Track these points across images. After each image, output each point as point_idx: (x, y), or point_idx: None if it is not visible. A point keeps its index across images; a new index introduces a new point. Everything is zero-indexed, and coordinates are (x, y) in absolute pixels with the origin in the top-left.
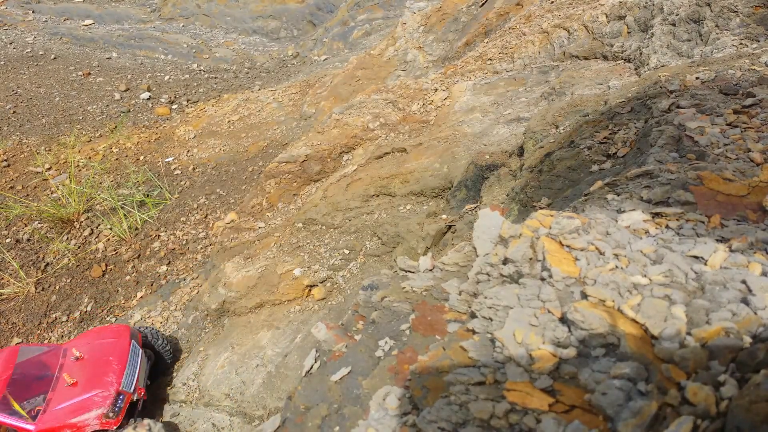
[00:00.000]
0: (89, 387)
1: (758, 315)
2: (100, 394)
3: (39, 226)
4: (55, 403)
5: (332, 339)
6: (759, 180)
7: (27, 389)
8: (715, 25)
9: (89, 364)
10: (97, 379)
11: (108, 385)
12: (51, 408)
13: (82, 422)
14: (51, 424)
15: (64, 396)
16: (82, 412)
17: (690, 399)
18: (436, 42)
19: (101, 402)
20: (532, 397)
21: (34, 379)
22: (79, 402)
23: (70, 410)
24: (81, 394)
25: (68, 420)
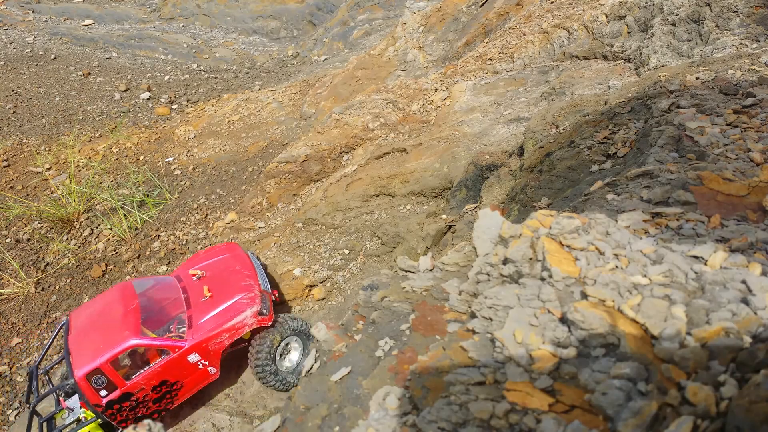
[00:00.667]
0: (230, 294)
1: (758, 315)
2: (246, 296)
3: (39, 226)
4: (199, 318)
5: (332, 339)
6: (759, 180)
7: (161, 315)
8: (715, 25)
9: (217, 278)
10: (235, 285)
11: (249, 288)
12: (196, 323)
13: (240, 323)
14: (202, 336)
15: (205, 309)
16: (234, 315)
17: (690, 399)
18: (436, 42)
19: (250, 302)
20: (532, 397)
21: (163, 306)
22: (225, 308)
23: (218, 318)
24: (225, 302)
25: (221, 327)
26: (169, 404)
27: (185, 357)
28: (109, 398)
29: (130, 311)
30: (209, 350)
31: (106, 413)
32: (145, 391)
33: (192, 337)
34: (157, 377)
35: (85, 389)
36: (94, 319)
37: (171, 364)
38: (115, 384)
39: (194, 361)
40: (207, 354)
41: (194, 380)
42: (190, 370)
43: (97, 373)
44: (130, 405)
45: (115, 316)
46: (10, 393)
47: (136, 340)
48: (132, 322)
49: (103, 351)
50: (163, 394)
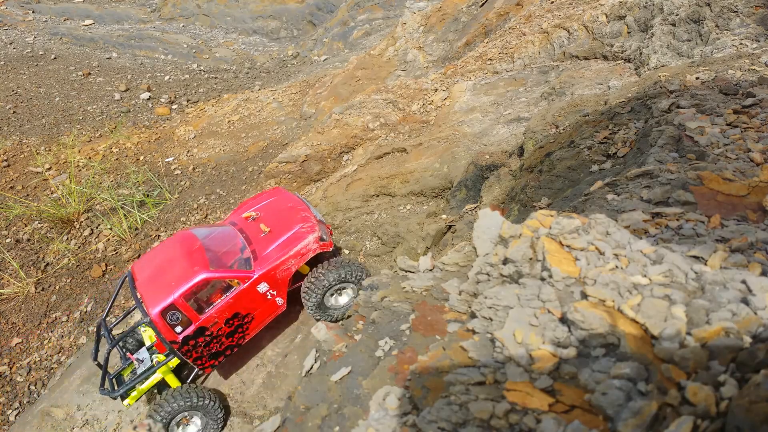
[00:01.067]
0: (289, 226)
1: (758, 315)
2: (305, 225)
3: (39, 226)
4: (262, 250)
5: (332, 339)
6: (759, 180)
7: (225, 254)
8: (715, 25)
9: (273, 216)
10: (291, 219)
11: (306, 219)
12: (260, 255)
13: (304, 248)
14: (269, 265)
15: (266, 243)
16: (298, 242)
17: (690, 399)
18: (436, 42)
19: (310, 229)
20: (532, 397)
21: (225, 246)
22: (287, 238)
23: (282, 248)
24: (285, 233)
25: (286, 254)
26: (241, 339)
27: (255, 287)
28: (185, 334)
29: (196, 251)
30: (277, 279)
31: (182, 350)
32: (219, 324)
33: (259, 268)
34: (230, 310)
35: (161, 327)
36: (160, 264)
37: (241, 296)
38: (189, 319)
39: (263, 291)
40: (275, 283)
41: (264, 312)
42: (260, 301)
43: (171, 309)
44: (205, 340)
45: (182, 257)
46: (10, 393)
47: (207, 274)
48: (200, 258)
49: (176, 287)
50: (235, 328)
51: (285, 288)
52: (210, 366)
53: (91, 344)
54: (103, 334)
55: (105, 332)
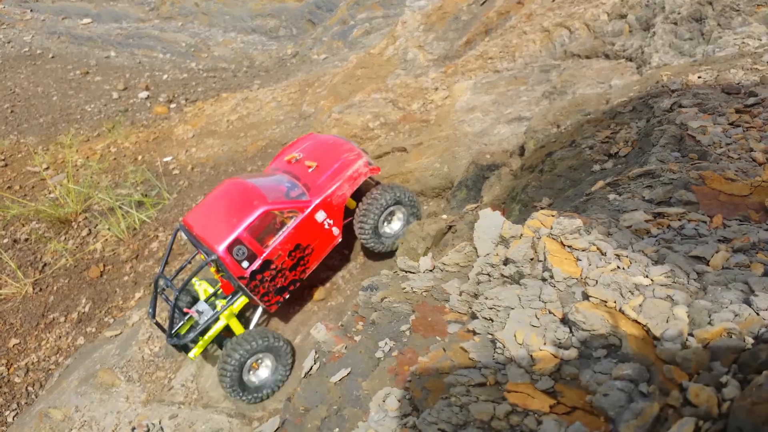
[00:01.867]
0: (335, 158)
1: (760, 316)
2: (351, 154)
3: (37, 226)
4: (315, 182)
5: (332, 340)
6: (761, 180)
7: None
8: (717, 23)
9: (317, 153)
10: (335, 152)
11: (351, 149)
12: (313, 186)
13: (355, 172)
14: (325, 192)
15: (317, 176)
16: (348, 168)
17: (692, 400)
18: (436, 41)
19: (357, 156)
20: (533, 399)
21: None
22: (337, 167)
23: (333, 176)
24: (333, 164)
25: (339, 180)
26: (302, 272)
27: (313, 216)
28: (252, 268)
29: (250, 189)
30: (333, 206)
31: (250, 286)
32: (282, 257)
33: (315, 197)
34: (292, 241)
35: (229, 263)
36: (215, 208)
37: (301, 226)
38: (255, 253)
39: (321, 220)
40: (332, 210)
41: (322, 242)
42: (319, 231)
43: (237, 243)
44: (271, 274)
45: (237, 197)
46: (7, 394)
47: (267, 206)
48: (256, 194)
49: (239, 222)
50: (297, 260)
51: (341, 216)
52: (275, 303)
53: (89, 345)
54: (164, 287)
55: (167, 282)
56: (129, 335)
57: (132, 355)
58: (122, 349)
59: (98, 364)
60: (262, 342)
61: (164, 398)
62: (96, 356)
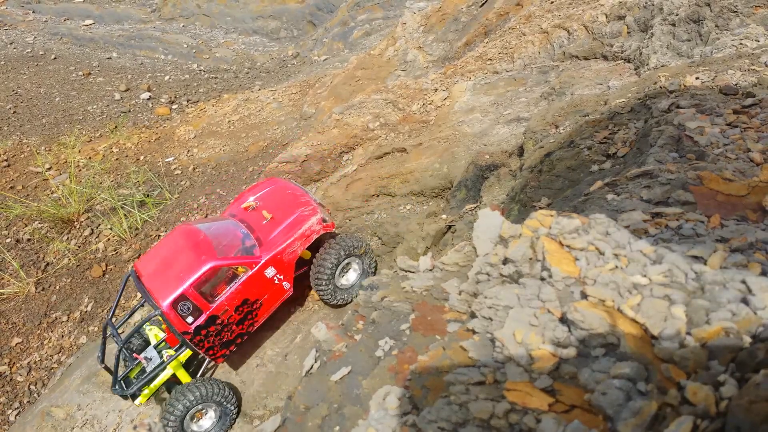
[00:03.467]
0: (290, 211)
1: (758, 315)
2: (306, 209)
3: (39, 226)
4: (266, 236)
5: (332, 339)
6: (759, 180)
7: (229, 244)
8: (714, 25)
9: (273, 203)
10: (292, 204)
11: (307, 203)
12: (265, 240)
13: (308, 230)
14: (276, 248)
15: (270, 229)
16: (302, 224)
17: (690, 399)
18: (436, 42)
19: (312, 212)
20: (532, 397)
21: (228, 236)
22: (290, 222)
23: (286, 231)
24: (288, 218)
25: (291, 237)
26: (250, 326)
27: (262, 272)
28: (196, 323)
29: (201, 241)
30: (284, 262)
31: (194, 340)
32: (229, 312)
33: (266, 253)
34: (239, 296)
35: (172, 318)
36: (165, 258)
37: (250, 282)
38: (200, 309)
39: (271, 276)
40: (282, 267)
41: (272, 297)
42: (268, 286)
43: (182, 299)
44: (216, 329)
45: (187, 248)
46: (10, 393)
47: (215, 261)
48: (206, 248)
49: (185, 277)
50: (245, 315)
51: (291, 272)
52: (221, 356)
53: (92, 344)
54: (111, 334)
55: (113, 331)
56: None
57: None
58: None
59: None
60: (200, 394)
61: (166, 397)
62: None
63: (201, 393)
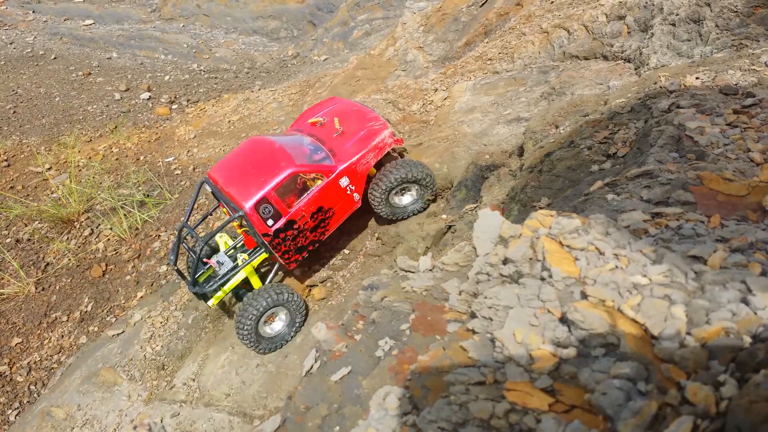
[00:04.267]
0: (360, 125)
1: (758, 315)
2: (376, 122)
3: (39, 226)
4: (340, 148)
5: (332, 339)
6: (759, 180)
7: (303, 154)
8: (715, 25)
9: (341, 117)
10: (361, 119)
11: (376, 117)
12: (338, 151)
13: (381, 142)
14: (350, 159)
15: (342, 141)
16: (374, 137)
17: (690, 399)
18: (436, 42)
19: (383, 126)
20: (532, 397)
21: (302, 147)
22: (362, 135)
23: (359, 143)
24: (359, 131)
25: (365, 148)
26: (322, 234)
27: (337, 181)
28: (276, 227)
29: (277, 150)
30: (357, 173)
31: (273, 243)
32: (305, 218)
33: (340, 162)
34: (315, 204)
35: (254, 220)
36: (241, 165)
37: (325, 190)
38: (280, 213)
39: (344, 186)
40: (355, 177)
41: (343, 207)
42: (341, 196)
43: (264, 202)
44: (293, 234)
45: (265, 156)
46: (10, 393)
47: (295, 168)
48: (284, 155)
49: (267, 181)
50: (318, 222)
51: (363, 184)
52: (294, 261)
53: (92, 344)
54: (188, 236)
55: (191, 232)
56: (131, 334)
57: (134, 354)
58: (124, 348)
59: (100, 362)
60: (279, 297)
61: (166, 397)
62: (98, 355)
63: (274, 297)
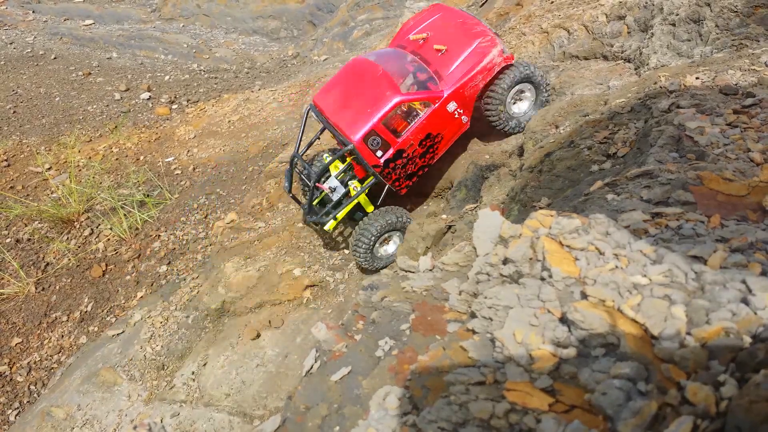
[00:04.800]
0: (467, 42)
1: (758, 315)
2: (484, 39)
3: (39, 226)
4: (445, 70)
5: (332, 339)
6: (759, 180)
7: (407, 77)
8: (715, 25)
9: (445, 33)
10: (467, 34)
11: (483, 32)
12: (444, 75)
13: (489, 63)
14: (457, 83)
15: (447, 62)
16: (481, 57)
17: (690, 399)
18: None
19: (491, 43)
20: (532, 397)
21: (405, 69)
22: (469, 54)
23: (466, 64)
24: (465, 49)
25: (473, 70)
26: (431, 159)
27: (444, 107)
28: (385, 157)
29: (381, 76)
30: (465, 97)
31: (383, 173)
32: (414, 146)
33: (447, 87)
34: (422, 131)
35: (363, 152)
36: (346, 92)
37: (433, 116)
38: (388, 143)
39: (452, 110)
40: (463, 101)
41: (451, 131)
42: (449, 121)
43: (372, 135)
44: (402, 162)
45: (369, 83)
46: (10, 393)
47: (401, 96)
48: (389, 83)
49: (373, 113)
50: (427, 148)
51: (471, 106)
52: (405, 187)
53: (92, 344)
54: (298, 163)
55: (302, 162)
56: (131, 334)
57: (134, 354)
58: (124, 348)
59: (100, 362)
60: (394, 220)
61: (166, 397)
62: (98, 355)
63: (389, 220)
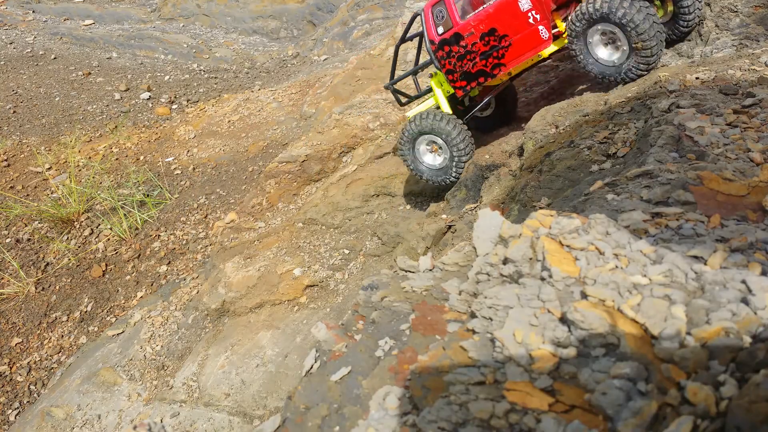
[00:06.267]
0: None
1: (758, 315)
2: None
3: (39, 226)
4: None
5: (332, 339)
6: (759, 180)
7: None
8: (714, 24)
9: None
10: None
11: None
12: None
13: None
14: None
15: None
16: None
17: (690, 399)
18: None
19: None
20: (532, 397)
21: None
22: None
23: None
24: None
25: None
26: (494, 67)
27: (516, 1)
28: (443, 36)
29: None
30: (542, 1)
31: (437, 54)
32: (474, 37)
33: None
34: (487, 22)
35: (428, 20)
36: None
37: (501, 9)
38: (451, 21)
39: (525, 10)
40: (540, 5)
41: (523, 41)
42: (521, 25)
43: (440, 4)
44: (459, 51)
45: None
46: (10, 393)
47: None
48: None
49: None
50: (490, 48)
51: (548, 18)
52: (460, 87)
53: (92, 344)
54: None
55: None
56: (131, 334)
57: (134, 354)
58: (124, 348)
59: (100, 362)
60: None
61: (166, 397)
62: (98, 355)
63: (439, 125)
